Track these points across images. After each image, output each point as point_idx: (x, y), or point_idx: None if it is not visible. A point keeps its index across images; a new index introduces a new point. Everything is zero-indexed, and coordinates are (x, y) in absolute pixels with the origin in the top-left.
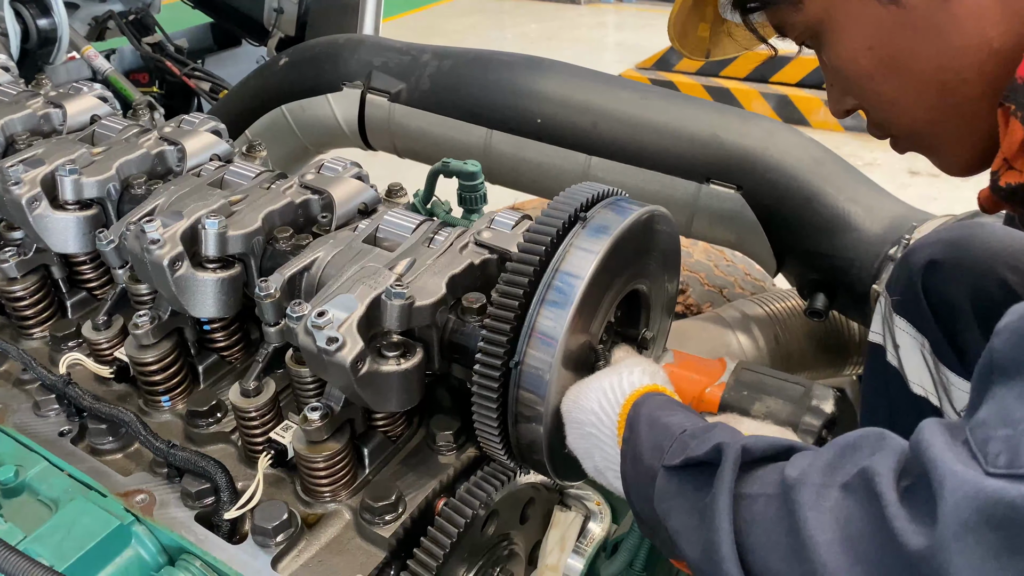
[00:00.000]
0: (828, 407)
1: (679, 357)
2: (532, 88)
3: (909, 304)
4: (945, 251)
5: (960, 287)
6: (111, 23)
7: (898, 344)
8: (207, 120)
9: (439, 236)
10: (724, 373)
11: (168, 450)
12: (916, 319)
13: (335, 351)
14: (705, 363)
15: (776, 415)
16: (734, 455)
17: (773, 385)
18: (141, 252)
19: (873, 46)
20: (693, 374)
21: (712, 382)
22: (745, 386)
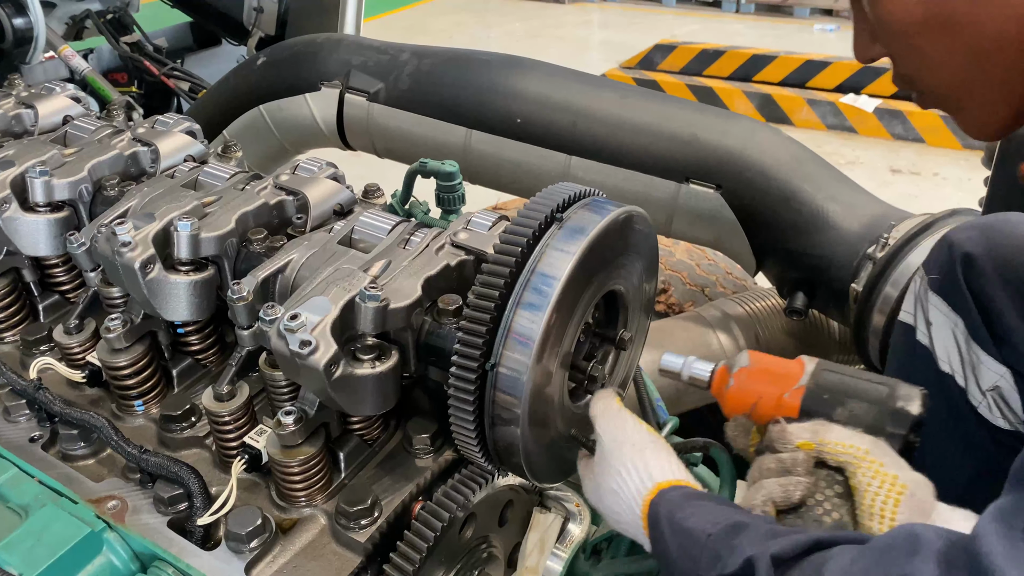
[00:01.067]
0: (914, 408)
1: (755, 359)
2: (512, 87)
3: (947, 286)
4: (984, 242)
5: (999, 276)
6: (89, 22)
7: (931, 322)
8: (181, 121)
9: (415, 237)
10: (803, 375)
11: (140, 455)
12: (953, 300)
13: (308, 354)
14: (782, 365)
15: (860, 419)
16: (766, 567)
17: (855, 387)
18: (112, 255)
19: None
20: (770, 380)
21: (790, 386)
22: (825, 389)
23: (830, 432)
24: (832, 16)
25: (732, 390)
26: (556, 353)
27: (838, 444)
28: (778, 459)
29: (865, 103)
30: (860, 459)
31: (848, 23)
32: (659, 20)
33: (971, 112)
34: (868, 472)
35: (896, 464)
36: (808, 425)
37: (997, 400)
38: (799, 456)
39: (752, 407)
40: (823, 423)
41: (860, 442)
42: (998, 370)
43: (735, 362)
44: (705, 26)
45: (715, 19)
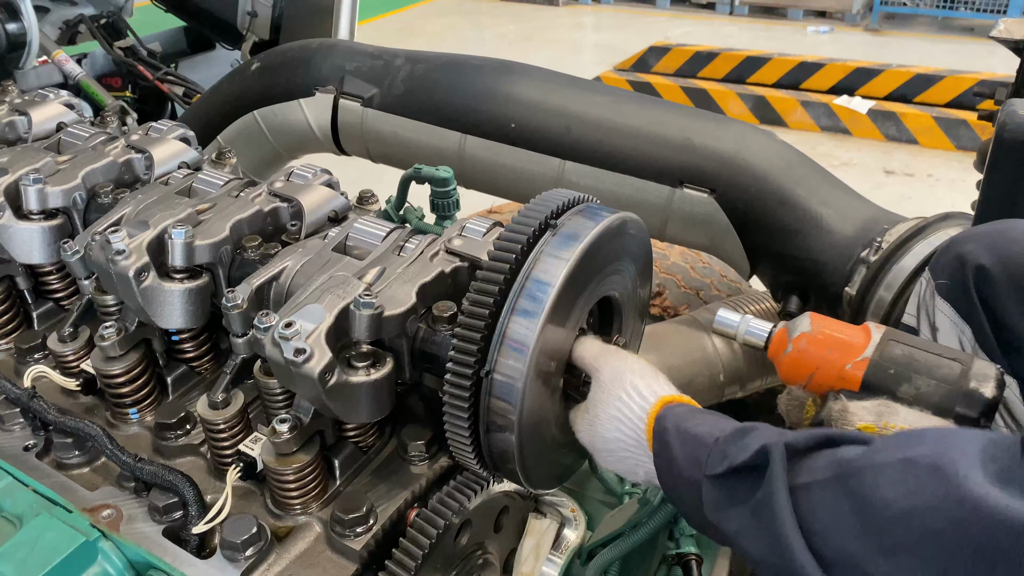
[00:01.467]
0: (988, 390)
1: (817, 324)
2: (505, 93)
3: (956, 292)
4: (995, 253)
5: (1011, 287)
6: (82, 27)
7: (936, 327)
8: (175, 127)
9: (410, 244)
10: (868, 346)
11: (135, 464)
12: (962, 307)
13: (303, 362)
14: (847, 332)
15: (927, 398)
16: (780, 453)
17: (924, 362)
18: (106, 263)
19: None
20: (832, 348)
21: (855, 356)
22: (892, 362)
23: (895, 415)
24: (825, 18)
25: (791, 356)
26: (551, 359)
27: (904, 429)
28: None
29: (859, 104)
30: None
31: (841, 24)
32: (653, 22)
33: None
34: None
35: None
36: (871, 405)
37: (1001, 409)
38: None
39: (810, 377)
40: (887, 403)
41: (926, 424)
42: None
43: (795, 326)
44: (699, 28)
45: (709, 21)
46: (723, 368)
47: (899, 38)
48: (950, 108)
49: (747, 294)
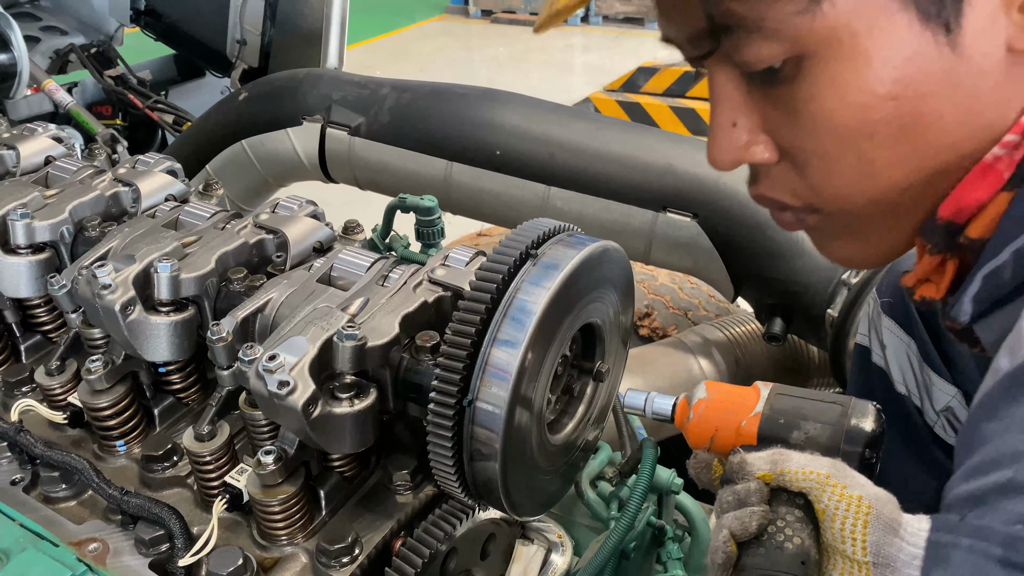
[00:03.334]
0: (868, 425)
1: (712, 389)
2: (490, 120)
3: (898, 308)
4: None
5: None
6: (73, 56)
7: (885, 344)
8: (162, 160)
9: (393, 274)
10: (759, 402)
11: (121, 497)
12: (904, 322)
13: (286, 395)
14: (738, 393)
15: (816, 441)
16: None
17: (810, 408)
18: (92, 297)
19: (898, 95)
20: (727, 409)
21: (747, 414)
22: (781, 414)
23: (789, 461)
24: None
25: (692, 423)
26: (534, 387)
27: (798, 472)
28: (734, 491)
29: None
30: (823, 484)
31: None
32: (641, 42)
33: (870, 235)
34: (833, 496)
35: (857, 484)
36: (766, 455)
37: (951, 419)
38: (752, 486)
39: (711, 439)
40: (780, 452)
41: (819, 466)
42: (949, 391)
43: (693, 394)
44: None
45: None
46: None
47: None
48: None
49: (734, 315)
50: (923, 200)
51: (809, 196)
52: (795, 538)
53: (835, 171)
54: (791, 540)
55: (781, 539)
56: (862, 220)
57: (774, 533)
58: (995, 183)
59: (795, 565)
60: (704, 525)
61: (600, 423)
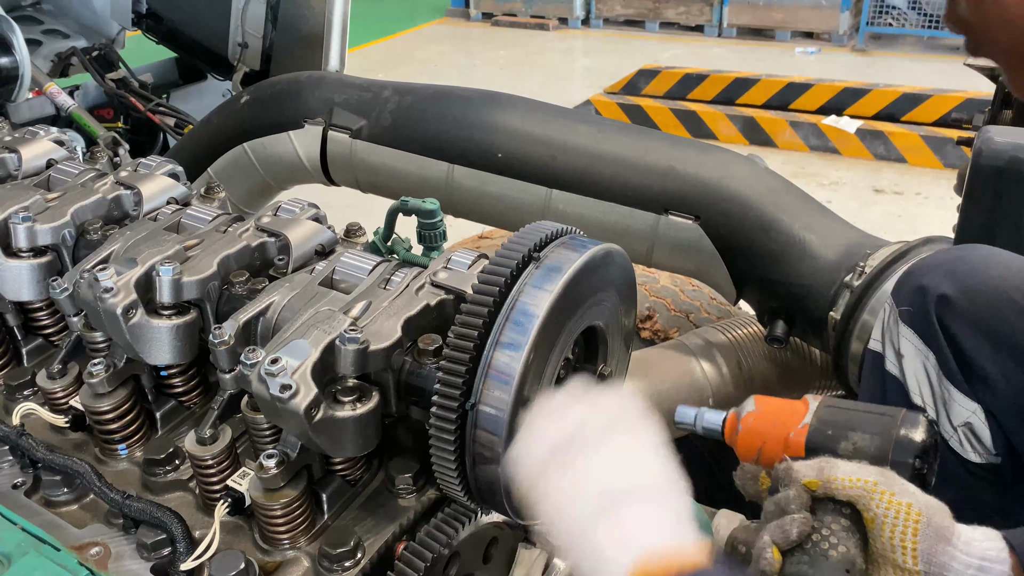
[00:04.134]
0: (918, 435)
1: (760, 403)
2: (492, 123)
3: (918, 319)
4: (956, 282)
5: (974, 316)
6: (74, 59)
7: (901, 353)
8: (164, 163)
9: (396, 277)
10: (807, 414)
11: (123, 501)
12: (925, 334)
13: (289, 398)
14: (787, 405)
15: (864, 451)
16: None
17: (859, 420)
18: (94, 300)
19: None
20: (775, 421)
21: (796, 425)
22: (829, 425)
23: (836, 468)
24: (813, 39)
25: (741, 435)
26: (536, 390)
27: (845, 480)
28: (775, 500)
29: (847, 124)
30: (871, 491)
31: (828, 45)
32: (642, 45)
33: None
34: (882, 503)
35: (906, 492)
36: (813, 463)
37: (968, 435)
38: (791, 493)
39: (759, 451)
40: (828, 460)
41: (867, 474)
42: (969, 407)
43: (742, 408)
44: (688, 51)
45: (697, 44)
46: (712, 393)
47: (886, 58)
48: (937, 127)
49: (736, 318)
50: None
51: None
52: (840, 546)
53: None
54: (836, 548)
55: (826, 547)
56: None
57: (818, 541)
58: None
59: (839, 572)
60: (707, 528)
61: None
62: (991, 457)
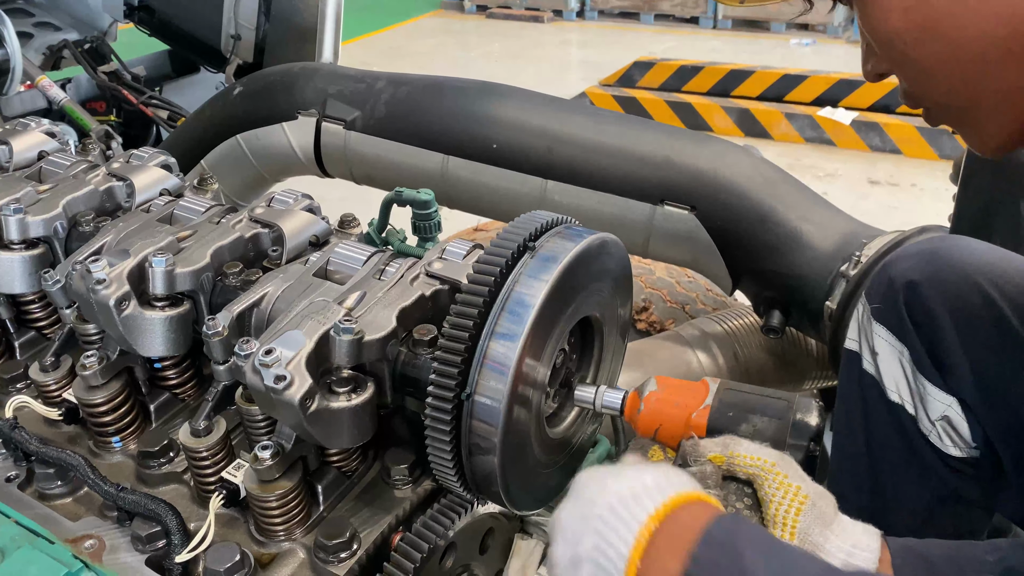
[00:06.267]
0: (812, 419)
1: (662, 383)
2: (487, 114)
3: (890, 314)
4: (925, 269)
5: (941, 304)
6: (66, 52)
7: (876, 352)
8: (157, 154)
9: (390, 268)
10: (708, 395)
11: (117, 493)
12: (897, 329)
13: (283, 389)
14: (688, 387)
15: (763, 433)
16: None
17: (757, 403)
18: (87, 292)
19: (909, 7)
20: (678, 400)
21: (697, 406)
22: (730, 407)
23: (739, 446)
24: (808, 31)
25: (643, 414)
26: (532, 380)
27: (747, 457)
28: (690, 474)
29: (842, 116)
30: (767, 471)
31: (823, 37)
32: (637, 38)
33: (981, 127)
34: (774, 484)
35: (799, 476)
36: (719, 440)
37: (947, 429)
38: (708, 469)
39: (657, 429)
40: (732, 438)
41: (767, 455)
42: (945, 400)
43: (644, 388)
44: (683, 43)
45: (692, 36)
46: None
47: None
48: None
49: (732, 308)
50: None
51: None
52: None
53: (905, 74)
54: None
55: None
56: (957, 113)
57: None
58: None
59: None
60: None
61: (599, 417)
62: (970, 450)
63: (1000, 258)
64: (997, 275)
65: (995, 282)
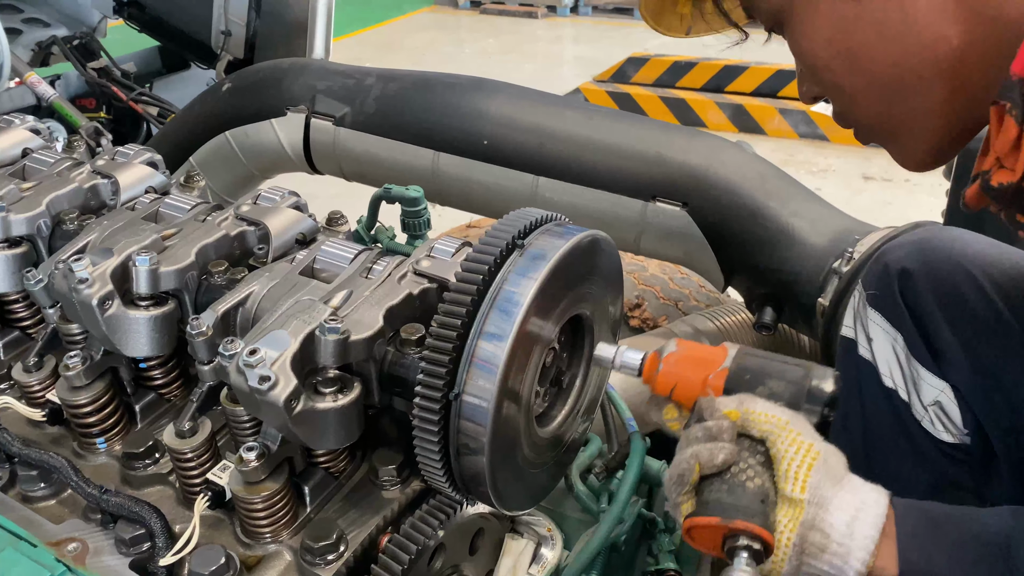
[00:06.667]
0: (828, 387)
1: (681, 345)
2: (478, 109)
3: (885, 301)
4: (919, 258)
5: (934, 292)
6: (55, 48)
7: (871, 337)
8: (142, 152)
9: (378, 266)
10: (727, 359)
11: (100, 496)
12: (891, 315)
13: (267, 390)
14: (708, 350)
15: (779, 396)
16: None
17: (774, 368)
18: (69, 292)
19: (831, 39)
20: (696, 363)
21: (716, 368)
22: (747, 371)
23: (755, 403)
24: None
25: (661, 374)
26: (522, 379)
27: (761, 414)
28: (704, 427)
29: None
30: (781, 428)
31: None
32: (631, 33)
33: (904, 144)
34: (787, 440)
35: (811, 435)
36: (734, 398)
37: (939, 414)
38: (724, 424)
39: (673, 388)
40: (748, 396)
41: (781, 413)
42: (938, 385)
43: (664, 348)
44: (676, 39)
45: None
46: None
47: None
48: None
49: (724, 305)
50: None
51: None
52: (756, 479)
53: (833, 97)
54: (752, 480)
55: (743, 478)
56: (882, 132)
57: (737, 472)
58: None
59: (755, 502)
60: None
61: (590, 415)
62: (962, 436)
63: (991, 249)
64: (988, 265)
65: (986, 271)
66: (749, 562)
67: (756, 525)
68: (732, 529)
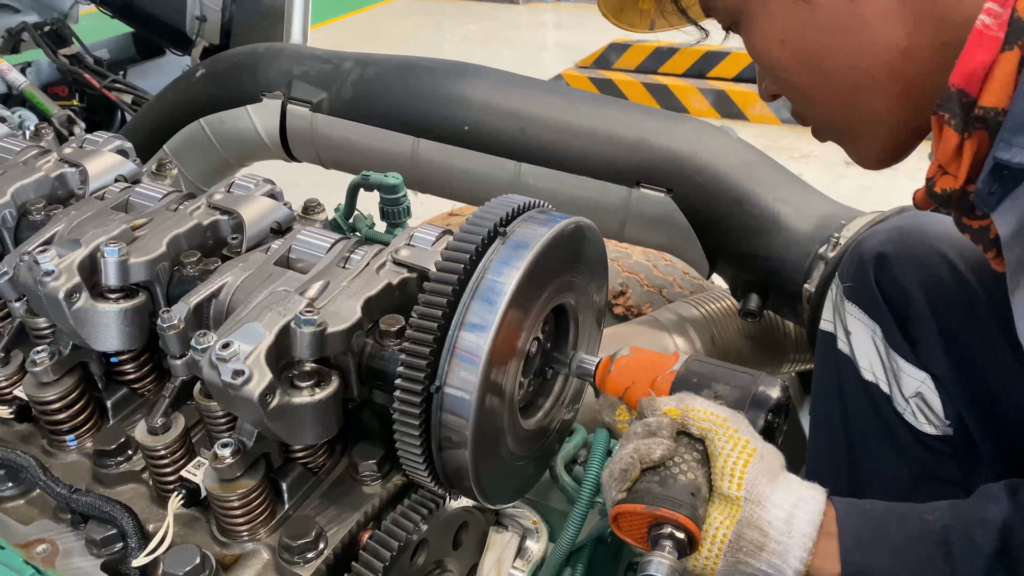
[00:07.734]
0: (774, 393)
1: (635, 351)
2: (458, 94)
3: (861, 292)
4: (894, 243)
5: (911, 277)
6: (25, 35)
7: (849, 331)
8: (112, 139)
9: (355, 255)
10: (676, 363)
11: (70, 495)
12: (868, 306)
13: (241, 385)
14: (659, 356)
15: (725, 399)
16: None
17: (722, 374)
18: (35, 284)
19: (785, 40)
20: (647, 366)
21: (664, 371)
22: (695, 375)
23: (695, 401)
24: None
25: (612, 375)
26: (505, 371)
27: (700, 411)
28: (644, 423)
29: None
30: (719, 426)
31: None
32: None
33: (859, 143)
34: (723, 437)
35: (749, 433)
36: (675, 397)
37: (921, 406)
38: (664, 420)
39: (626, 389)
40: (689, 394)
41: (720, 411)
42: (918, 376)
43: (617, 353)
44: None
45: None
46: None
47: None
48: None
49: (709, 292)
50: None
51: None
52: (689, 473)
53: (789, 96)
54: (685, 474)
55: (676, 472)
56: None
57: (671, 467)
58: (993, 44)
59: (684, 495)
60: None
61: (575, 404)
62: (944, 428)
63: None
64: (962, 246)
65: (961, 253)
66: (672, 551)
67: (681, 515)
68: (657, 517)
